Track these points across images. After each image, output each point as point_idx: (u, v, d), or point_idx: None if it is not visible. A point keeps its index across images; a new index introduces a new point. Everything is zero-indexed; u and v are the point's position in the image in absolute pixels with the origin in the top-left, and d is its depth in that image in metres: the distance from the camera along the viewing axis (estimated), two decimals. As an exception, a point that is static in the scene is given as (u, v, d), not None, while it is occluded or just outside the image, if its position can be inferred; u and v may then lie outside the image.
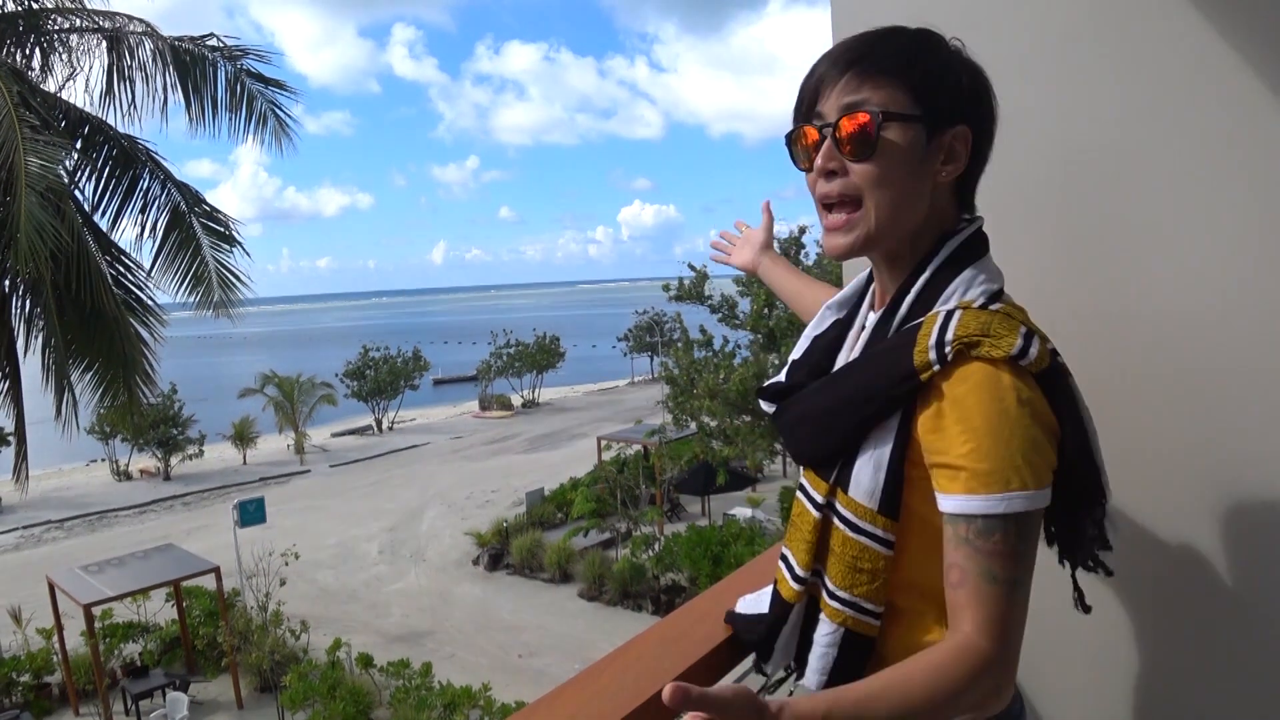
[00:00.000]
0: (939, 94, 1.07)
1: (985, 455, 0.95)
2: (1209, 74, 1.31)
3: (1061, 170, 1.49)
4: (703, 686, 0.77)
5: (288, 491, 30.40)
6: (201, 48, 9.93)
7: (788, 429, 1.20)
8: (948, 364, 0.99)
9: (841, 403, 1.10)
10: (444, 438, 39.75)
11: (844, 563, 1.09)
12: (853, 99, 1.06)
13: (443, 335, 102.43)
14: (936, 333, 1.01)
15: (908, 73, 1.06)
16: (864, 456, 1.07)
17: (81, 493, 32.08)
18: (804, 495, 1.15)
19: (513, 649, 16.56)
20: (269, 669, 14.33)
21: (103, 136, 9.67)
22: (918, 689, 0.91)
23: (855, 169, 1.07)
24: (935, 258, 1.11)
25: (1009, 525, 0.95)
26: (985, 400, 0.97)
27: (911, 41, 1.10)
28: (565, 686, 1.12)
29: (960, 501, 0.97)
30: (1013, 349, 0.98)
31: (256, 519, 17.84)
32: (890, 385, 1.04)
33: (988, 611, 0.94)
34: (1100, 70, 1.43)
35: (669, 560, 17.78)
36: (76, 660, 14.41)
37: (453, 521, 24.77)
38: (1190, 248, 1.36)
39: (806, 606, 1.17)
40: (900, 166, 1.06)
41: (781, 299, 1.73)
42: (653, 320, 51.21)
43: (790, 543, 1.18)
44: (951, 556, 0.98)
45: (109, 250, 9.67)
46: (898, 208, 1.08)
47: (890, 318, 1.12)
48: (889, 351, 1.07)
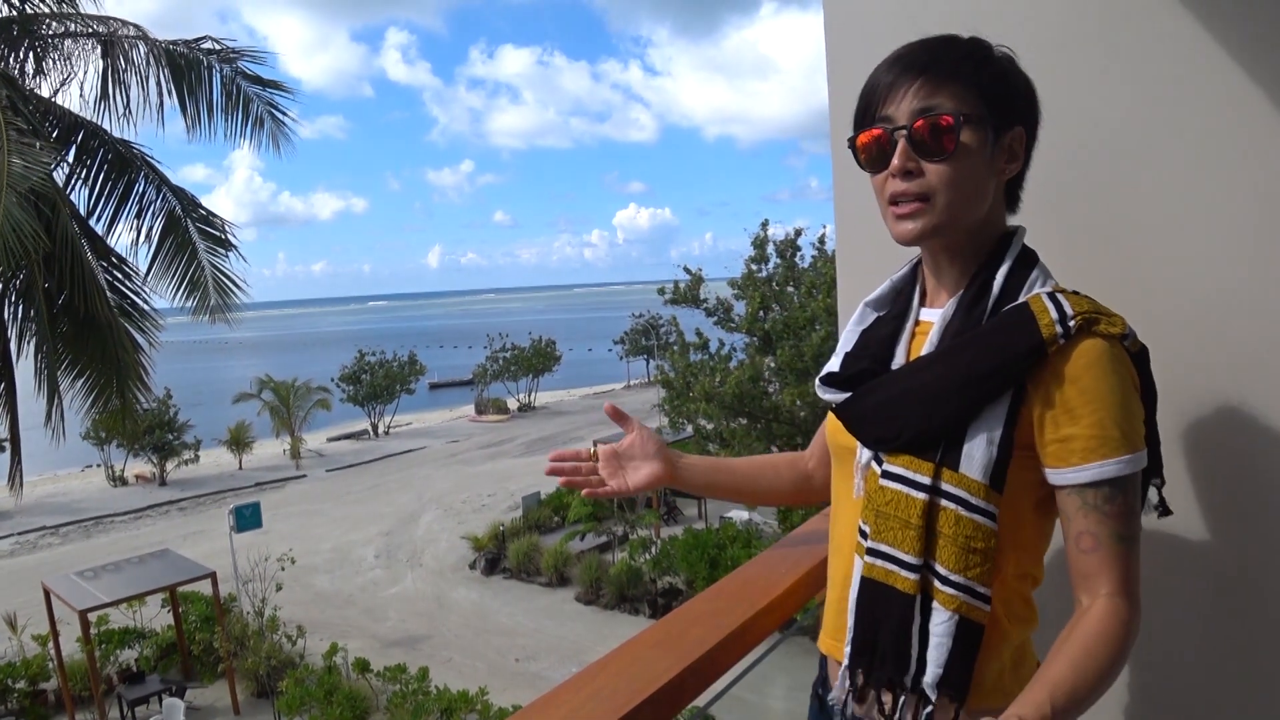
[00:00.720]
0: (1003, 97, 1.15)
1: (1115, 423, 1.05)
2: (1205, 76, 1.32)
3: (1058, 172, 1.50)
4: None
5: (284, 496, 30.35)
6: (196, 51, 9.91)
7: (870, 414, 1.20)
8: (1071, 338, 1.06)
9: (957, 380, 1.11)
10: (440, 442, 39.72)
11: (957, 545, 1.09)
12: (927, 103, 1.12)
13: (438, 339, 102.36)
14: (1054, 309, 1.07)
15: (977, 77, 1.13)
16: (976, 432, 1.09)
17: (77, 498, 31.98)
18: (898, 482, 1.14)
19: (510, 653, 16.54)
20: (265, 674, 14.29)
21: (98, 141, 9.65)
22: (1103, 658, 0.99)
23: (931, 169, 1.12)
24: (1009, 251, 1.18)
25: (1129, 486, 1.06)
26: (1109, 372, 1.05)
27: (974, 48, 1.16)
28: (561, 688, 1.12)
29: (1096, 469, 1.05)
30: (1125, 328, 1.08)
31: (252, 524, 17.79)
32: (1015, 359, 1.08)
33: (1121, 571, 1.05)
34: (1093, 72, 1.44)
35: (666, 563, 17.77)
36: (72, 666, 14.34)
37: (449, 526, 24.74)
38: (1190, 249, 1.38)
39: (921, 599, 1.13)
40: (972, 166, 1.13)
41: (724, 489, 1.58)
42: (648, 323, 51.22)
43: (885, 535, 1.15)
44: (1081, 525, 1.06)
45: (105, 255, 9.65)
46: (967, 203, 1.15)
47: (978, 301, 1.16)
48: (1005, 328, 1.10)
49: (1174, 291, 1.38)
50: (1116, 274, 1.40)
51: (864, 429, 1.22)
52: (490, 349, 47.71)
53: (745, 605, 1.37)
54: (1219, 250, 1.34)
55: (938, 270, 1.25)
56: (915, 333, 1.25)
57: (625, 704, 1.06)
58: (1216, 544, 1.39)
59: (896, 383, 1.18)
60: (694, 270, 19.19)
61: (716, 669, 1.24)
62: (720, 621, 1.30)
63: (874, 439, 1.20)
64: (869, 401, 1.21)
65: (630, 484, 1.47)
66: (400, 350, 45.22)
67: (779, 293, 18.15)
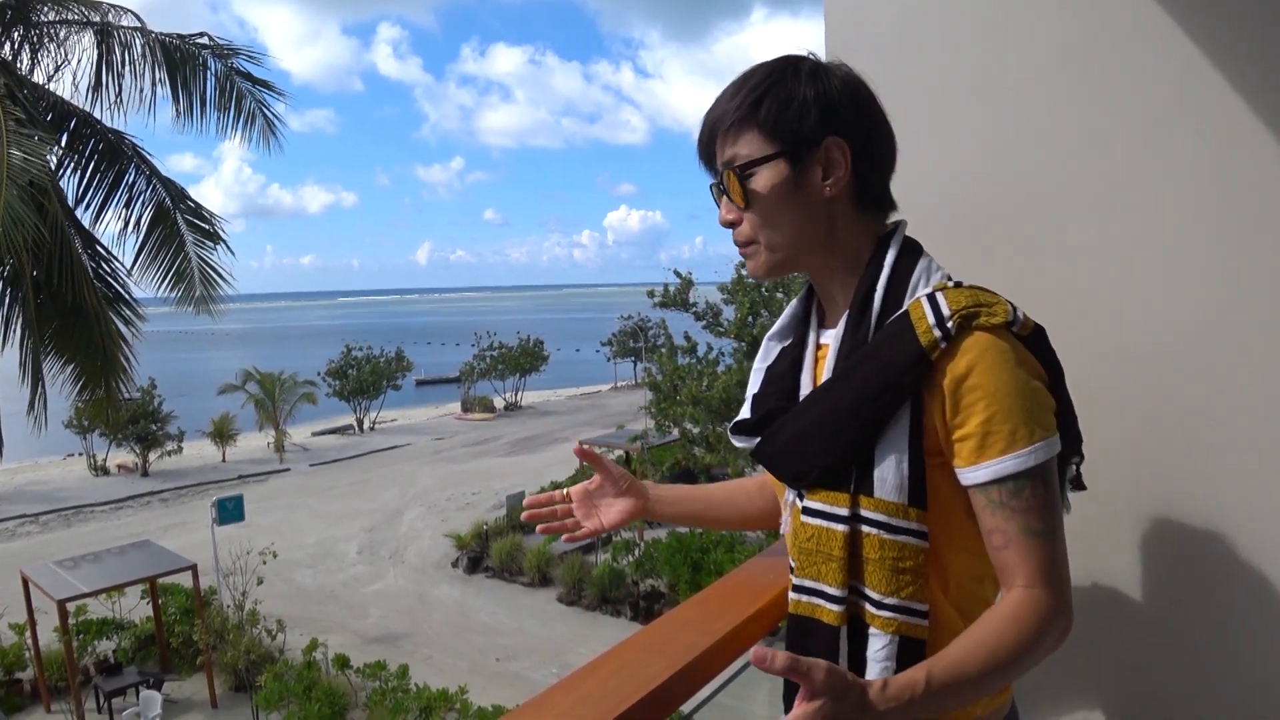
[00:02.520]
0: (789, 125, 1.13)
1: (1007, 416, 1.02)
2: (1158, 96, 1.34)
3: (997, 190, 1.52)
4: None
5: (267, 490, 30.18)
6: (192, 45, 9.89)
7: (782, 453, 1.19)
8: (952, 339, 1.04)
9: (852, 404, 1.09)
10: (425, 439, 39.60)
11: (885, 568, 1.08)
12: (724, 158, 1.17)
13: (426, 336, 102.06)
14: (932, 313, 1.05)
15: (754, 116, 1.14)
16: (884, 453, 1.08)
17: (57, 487, 31.73)
18: (817, 517, 1.13)
19: (490, 652, 16.51)
20: (244, 668, 14.22)
21: (89, 130, 9.62)
22: (1001, 644, 1.00)
23: (746, 216, 1.18)
24: (887, 256, 1.15)
25: (1036, 478, 1.03)
26: (996, 365, 1.03)
27: (763, 80, 1.15)
28: (550, 691, 1.12)
29: (992, 467, 1.03)
30: (1008, 315, 1.05)
31: (235, 517, 17.71)
32: (901, 373, 1.06)
33: (1036, 563, 1.03)
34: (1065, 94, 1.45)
35: (649, 566, 17.77)
36: (49, 656, 14.24)
37: (432, 523, 24.66)
38: (1126, 265, 1.41)
39: (850, 628, 1.12)
40: (778, 204, 1.15)
41: (697, 517, 1.58)
42: (637, 325, 51.20)
43: (809, 570, 1.14)
44: (990, 523, 1.05)
45: (91, 244, 9.60)
46: (794, 237, 1.17)
47: (863, 318, 1.13)
48: (887, 342, 1.08)
49: (1111, 307, 1.41)
50: (1047, 289, 1.43)
51: (780, 469, 1.21)
52: (478, 347, 47.60)
53: (734, 612, 1.37)
54: (1156, 265, 1.37)
55: (824, 290, 1.25)
56: (818, 358, 1.24)
57: (615, 708, 1.06)
58: (1182, 548, 1.41)
59: (798, 419, 1.17)
60: (684, 274, 19.20)
61: (705, 674, 1.25)
62: (710, 627, 1.30)
63: (790, 477, 1.20)
64: (778, 440, 1.20)
65: (605, 523, 1.48)
66: (388, 346, 45.04)
67: (768, 298, 18.17)
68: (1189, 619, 1.42)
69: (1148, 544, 1.45)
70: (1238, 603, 1.36)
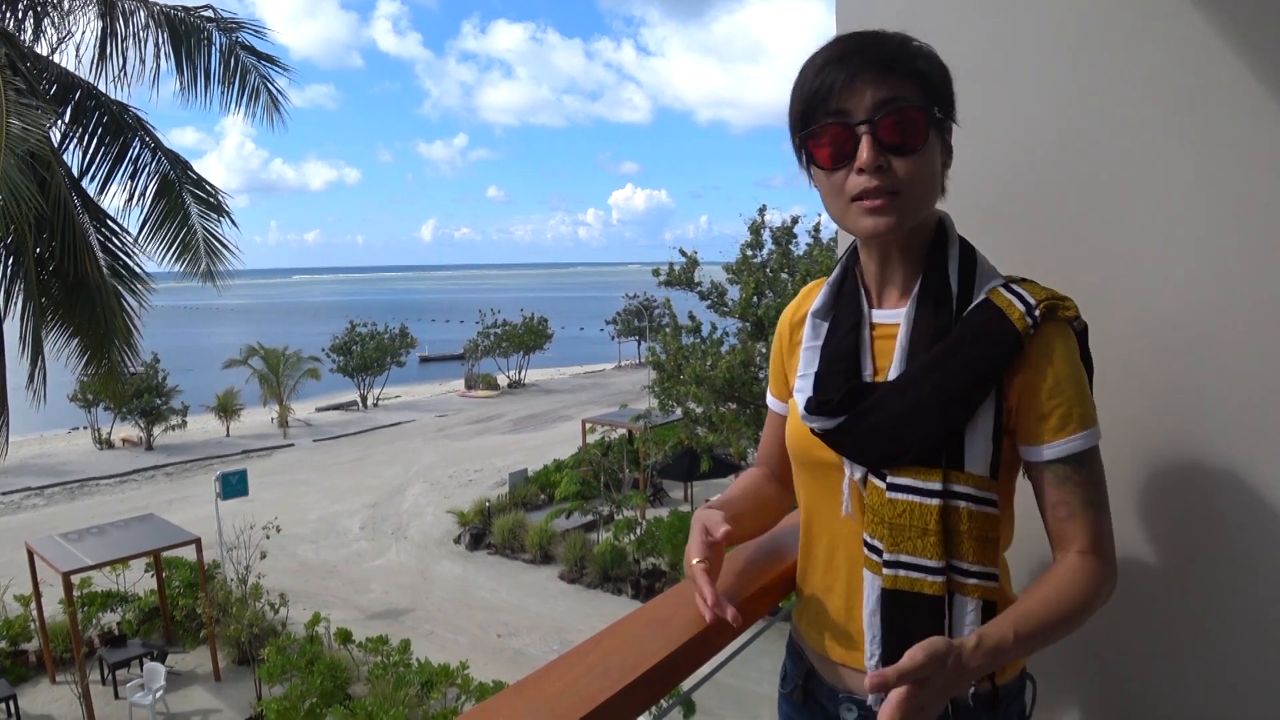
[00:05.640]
0: (946, 91, 1.18)
1: (1079, 399, 1.15)
2: (1180, 78, 1.33)
3: (1028, 174, 1.51)
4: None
5: (270, 465, 30.29)
6: (196, 18, 9.83)
7: (873, 434, 1.19)
8: (1038, 327, 1.13)
9: (956, 388, 1.15)
10: (429, 415, 39.66)
11: (974, 539, 1.16)
12: (889, 96, 1.11)
13: (430, 313, 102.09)
14: (1020, 302, 1.14)
15: (929, 73, 1.15)
16: (974, 431, 1.15)
17: (62, 460, 31.84)
18: (908, 493, 1.16)
19: (492, 628, 16.60)
20: (247, 642, 14.30)
21: (94, 102, 9.58)
22: (1070, 601, 1.11)
23: (898, 164, 1.13)
24: (950, 242, 1.23)
25: (1095, 455, 1.16)
26: (1071, 354, 1.15)
27: (915, 43, 1.17)
28: (553, 664, 1.13)
29: (1064, 445, 1.14)
30: (1077, 311, 1.18)
31: (238, 491, 17.77)
32: (1000, 361, 1.14)
33: (1094, 531, 1.15)
34: (1090, 73, 1.44)
35: (650, 545, 17.82)
36: (54, 628, 14.35)
37: (435, 499, 24.75)
38: (1160, 252, 1.40)
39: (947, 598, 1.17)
40: (932, 160, 1.16)
41: (754, 514, 1.52)
42: (641, 305, 51.17)
43: (904, 546, 1.16)
44: (1056, 495, 1.16)
45: (96, 216, 9.59)
46: (930, 196, 1.19)
47: (943, 303, 1.18)
48: (982, 329, 1.15)
49: (1145, 294, 1.41)
50: (1083, 279, 1.42)
51: (863, 451, 1.22)
52: (482, 324, 47.58)
53: (735, 590, 1.38)
54: (1190, 252, 1.37)
55: (886, 267, 1.25)
56: (875, 338, 1.26)
57: (618, 681, 1.07)
58: (1200, 540, 1.41)
59: (892, 401, 1.17)
60: (689, 253, 19.14)
61: (706, 652, 1.25)
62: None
63: (876, 459, 1.20)
64: (865, 424, 1.19)
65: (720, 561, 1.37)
66: (392, 322, 45.02)
67: (773, 279, 18.11)
68: (1194, 604, 1.43)
69: (1161, 519, 1.46)
70: (1244, 577, 1.37)
